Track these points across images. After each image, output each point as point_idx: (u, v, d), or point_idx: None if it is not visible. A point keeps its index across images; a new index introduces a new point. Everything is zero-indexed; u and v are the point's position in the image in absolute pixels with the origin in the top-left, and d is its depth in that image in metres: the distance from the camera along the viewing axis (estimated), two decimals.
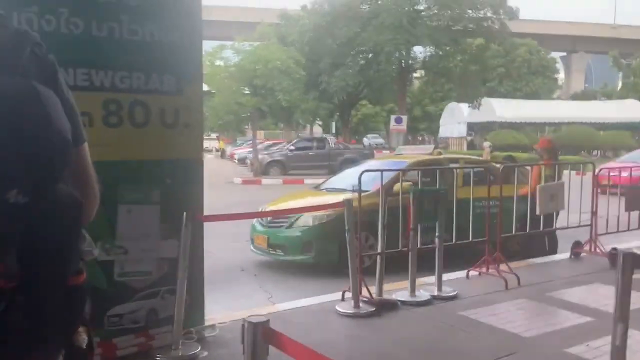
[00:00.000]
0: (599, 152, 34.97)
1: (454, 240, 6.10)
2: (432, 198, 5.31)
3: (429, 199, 5.30)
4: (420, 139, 58.67)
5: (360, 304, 4.93)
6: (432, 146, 8.03)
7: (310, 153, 24.08)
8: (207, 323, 4.48)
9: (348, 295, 5.10)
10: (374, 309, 4.87)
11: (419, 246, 5.43)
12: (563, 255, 7.15)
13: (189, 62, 4.24)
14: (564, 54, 68.50)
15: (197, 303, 4.39)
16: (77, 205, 1.14)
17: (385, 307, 4.95)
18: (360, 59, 28.42)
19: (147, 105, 4.04)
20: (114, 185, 3.92)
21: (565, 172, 7.53)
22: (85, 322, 1.28)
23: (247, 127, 46.87)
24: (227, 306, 5.52)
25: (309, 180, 19.41)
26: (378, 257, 5.25)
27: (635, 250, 7.23)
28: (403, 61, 28.65)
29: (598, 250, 6.79)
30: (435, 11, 28.05)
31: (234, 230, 8.90)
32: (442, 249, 5.48)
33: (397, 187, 6.15)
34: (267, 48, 22.37)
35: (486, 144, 32.02)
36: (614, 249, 6.68)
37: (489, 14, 27.74)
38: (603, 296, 5.41)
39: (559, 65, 61.22)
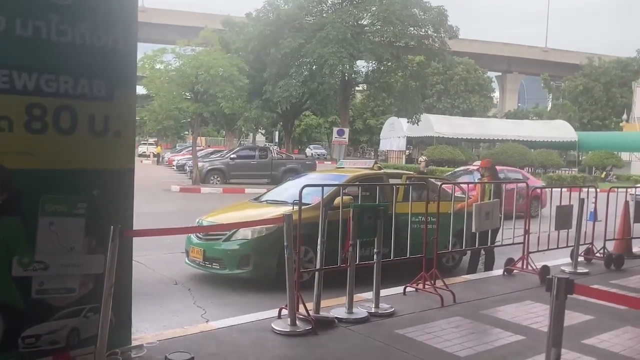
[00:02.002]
0: (529, 169, 36.51)
1: (392, 256, 6.09)
2: (372, 213, 5.28)
3: (369, 214, 5.26)
4: (361, 151, 59.53)
5: (297, 322, 4.81)
6: (373, 161, 8.04)
7: (252, 162, 23.78)
8: (134, 343, 4.23)
9: (285, 312, 4.97)
10: (310, 327, 4.76)
11: (357, 262, 5.38)
12: (497, 272, 7.31)
13: (122, 66, 4.02)
14: (499, 73, 71.49)
15: (124, 322, 4.14)
16: None
17: (322, 325, 4.85)
18: (304, 70, 28.49)
19: (74, 110, 3.78)
20: (34, 195, 3.65)
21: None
22: None
23: (187, 133, 46.00)
24: (158, 323, 5.27)
25: (250, 190, 19.14)
26: (316, 273, 5.15)
27: (563, 267, 7.53)
28: (346, 74, 28.94)
29: (530, 267, 6.98)
30: (379, 27, 28.56)
31: (168, 241, 8.61)
32: (380, 265, 5.46)
33: (337, 201, 6.09)
34: (210, 54, 21.99)
35: (422, 158, 32.85)
36: (545, 266, 6.90)
37: (430, 32, 28.52)
38: (534, 314, 5.55)
39: (495, 85, 63.83)
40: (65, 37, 3.72)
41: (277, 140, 45.44)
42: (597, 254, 7.97)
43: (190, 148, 26.96)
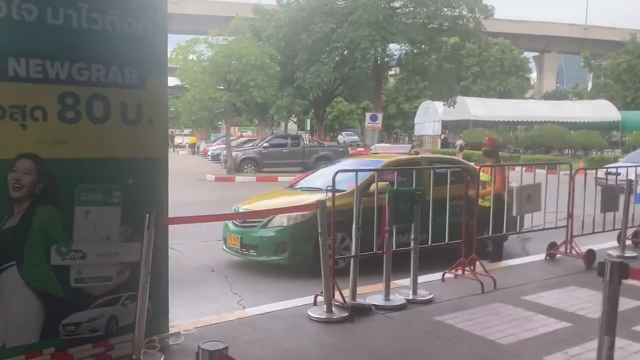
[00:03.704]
0: (570, 151, 35.48)
1: (429, 242, 5.95)
2: (408, 199, 5.14)
3: (405, 199, 5.13)
4: (395, 136, 58.94)
5: (333, 309, 4.74)
6: (410, 145, 7.87)
7: (284, 150, 23.82)
8: (171, 330, 4.25)
9: (320, 299, 4.91)
10: (347, 314, 4.68)
11: (394, 248, 5.27)
12: (538, 256, 7.09)
13: (153, 53, 3.99)
14: (537, 53, 69.45)
15: (161, 310, 4.15)
16: None
17: (358, 312, 4.77)
18: (336, 55, 28.19)
19: (107, 99, 3.78)
20: (70, 185, 3.66)
21: (541, 172, 7.42)
22: None
23: (220, 123, 46.34)
24: (195, 310, 5.29)
25: (282, 178, 19.16)
26: (352, 260, 5.06)
27: (610, 252, 7.24)
28: (379, 58, 28.52)
29: (573, 251, 6.73)
30: (411, 8, 27.96)
31: (204, 229, 8.65)
32: (418, 251, 5.34)
33: (373, 187, 5.97)
34: (241, 43, 21.97)
35: (459, 142, 32.22)
36: (590, 250, 6.65)
37: (464, 12, 27.80)
38: (579, 300, 5.35)
39: (532, 65, 62.09)
40: (95, 25, 3.70)
41: (309, 128, 45.34)
42: None
43: (224, 138, 27.13)
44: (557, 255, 6.93)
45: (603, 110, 39.40)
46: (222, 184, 19.64)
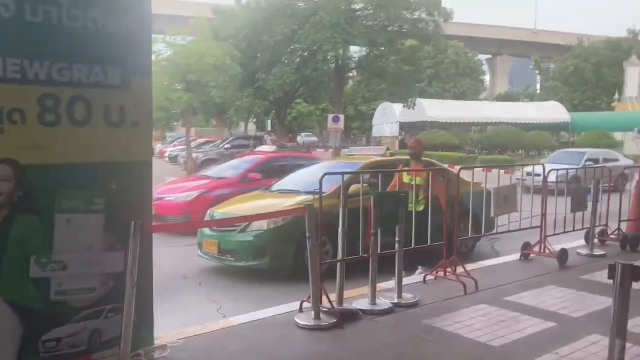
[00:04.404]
0: (523, 151, 36.49)
1: (412, 244, 5.92)
2: (393, 201, 5.11)
3: (390, 202, 5.09)
4: (353, 137, 59.29)
5: (321, 315, 4.65)
6: (385, 147, 7.87)
7: (246, 152, 23.52)
8: (156, 343, 4.06)
9: (306, 305, 4.81)
10: (335, 320, 4.60)
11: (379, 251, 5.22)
12: (512, 256, 7.19)
13: (137, 53, 3.81)
14: (489, 56, 71.28)
15: (146, 321, 3.97)
16: None
17: (346, 317, 4.69)
18: (298, 56, 28.11)
19: (88, 101, 3.58)
20: (50, 192, 3.45)
21: (496, 172, 7.47)
22: None
23: (176, 123, 45.48)
24: (175, 320, 5.08)
25: None
26: (338, 264, 4.98)
27: (579, 250, 7.41)
28: (340, 60, 28.60)
29: (547, 251, 6.86)
30: (371, 11, 28.18)
31: (170, 233, 8.37)
32: (402, 254, 5.31)
33: (352, 188, 5.90)
34: (202, 43, 21.60)
35: None
36: (563, 249, 6.80)
37: (423, 15, 28.19)
38: (559, 299, 5.44)
39: (485, 68, 63.64)
40: (77, 23, 3.50)
41: (269, 128, 45.03)
42: (612, 235, 7.87)
43: (181, 139, 26.63)
44: (531, 255, 7.05)
45: (553, 112, 40.79)
46: None
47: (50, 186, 3.45)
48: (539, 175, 7.94)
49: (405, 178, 6.38)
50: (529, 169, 9.33)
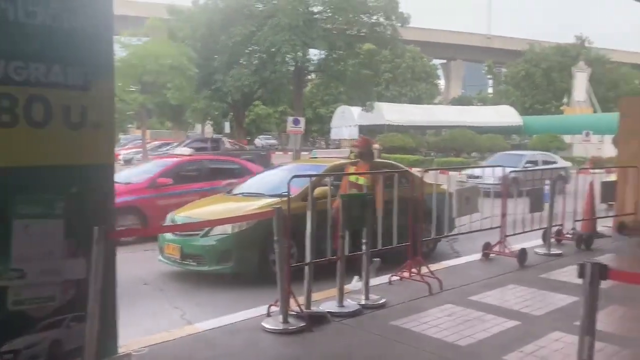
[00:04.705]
0: (478, 154, 37.35)
1: (378, 246, 5.94)
2: (360, 204, 5.11)
3: (357, 205, 5.10)
4: (312, 140, 59.38)
5: (289, 319, 4.60)
6: (348, 150, 7.88)
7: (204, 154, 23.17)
8: (120, 352, 3.93)
9: (274, 309, 4.75)
10: (304, 324, 4.56)
11: (346, 253, 5.21)
12: (474, 256, 7.32)
13: (99, 52, 3.68)
14: (444, 61, 72.67)
15: (109, 330, 3.82)
16: None
17: (315, 320, 4.66)
18: (256, 58, 27.94)
19: (47, 101, 3.43)
20: (7, 196, 3.28)
21: (453, 174, 7.66)
22: None
23: (130, 125, 44.47)
24: (137, 327, 4.93)
25: None
26: (306, 267, 4.94)
27: (537, 250, 7.61)
28: (299, 63, 28.59)
29: (507, 250, 7.02)
30: (330, 14, 28.31)
31: (127, 239, 8.13)
32: (370, 255, 5.32)
33: (317, 191, 5.88)
34: (158, 43, 21.24)
35: (375, 146, 32.91)
36: (523, 249, 6.96)
37: (381, 19, 28.50)
38: (521, 297, 5.56)
39: (440, 72, 64.90)
40: (35, 20, 3.35)
41: (227, 131, 44.57)
42: (567, 235, 8.12)
43: (136, 141, 26.07)
44: (491, 255, 7.19)
45: (506, 115, 41.99)
46: None
47: (8, 190, 3.29)
48: (478, 177, 8.14)
49: (352, 177, 6.30)
50: (469, 171, 9.52)
